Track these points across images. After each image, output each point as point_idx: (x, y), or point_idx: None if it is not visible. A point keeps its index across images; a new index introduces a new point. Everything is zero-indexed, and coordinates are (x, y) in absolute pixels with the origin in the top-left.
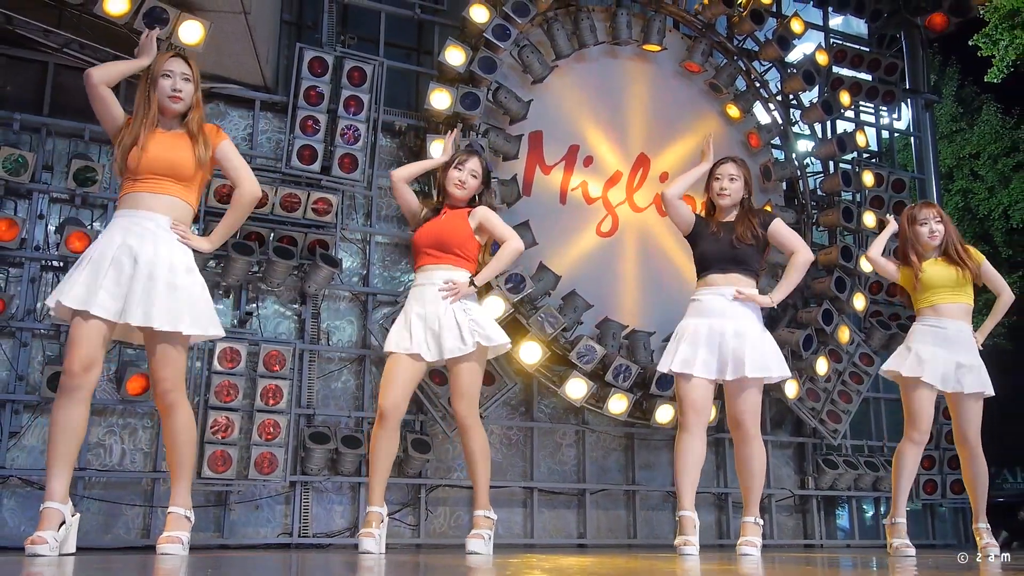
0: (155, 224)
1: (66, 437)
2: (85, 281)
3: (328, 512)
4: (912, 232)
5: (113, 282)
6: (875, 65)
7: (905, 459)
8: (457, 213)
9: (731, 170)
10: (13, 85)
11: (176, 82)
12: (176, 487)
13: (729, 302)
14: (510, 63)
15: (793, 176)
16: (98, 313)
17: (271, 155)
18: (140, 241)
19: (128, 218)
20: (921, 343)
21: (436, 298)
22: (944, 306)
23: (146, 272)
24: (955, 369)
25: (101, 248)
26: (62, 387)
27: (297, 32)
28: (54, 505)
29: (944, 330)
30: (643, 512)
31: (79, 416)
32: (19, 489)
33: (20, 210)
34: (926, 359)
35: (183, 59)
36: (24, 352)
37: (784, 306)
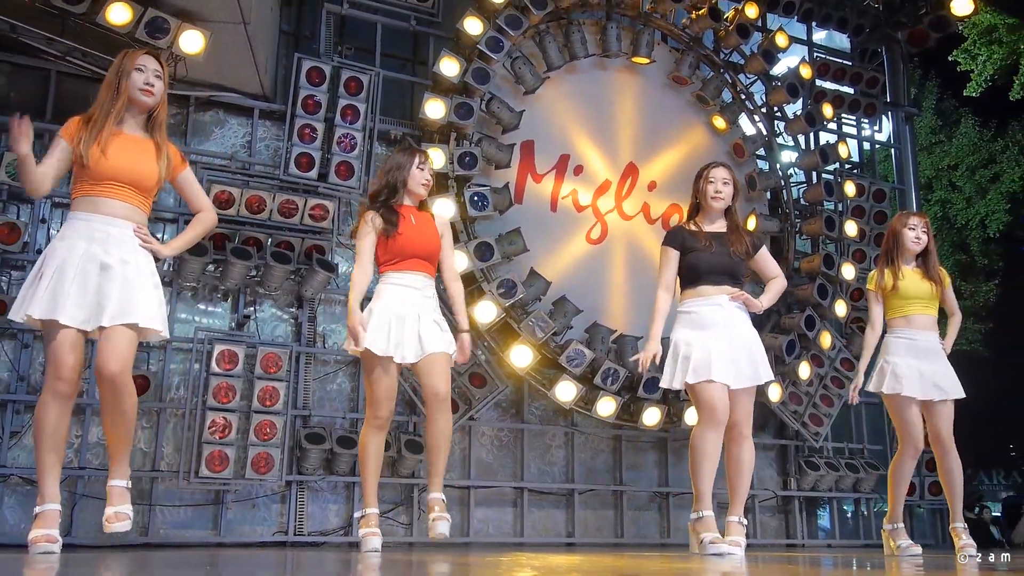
0: (118, 230)
1: (56, 439)
2: (52, 290)
3: (323, 511)
4: (900, 235)
5: (80, 290)
6: (857, 79)
7: (900, 470)
8: (427, 220)
9: (724, 174)
10: (17, 92)
11: (149, 76)
12: (120, 460)
13: (723, 311)
14: (503, 74)
15: (777, 186)
16: (67, 323)
17: (269, 162)
18: (104, 247)
19: (88, 223)
20: (896, 356)
21: (418, 301)
22: (916, 317)
23: (115, 277)
24: (931, 377)
25: (63, 256)
26: (51, 391)
27: (295, 42)
28: (55, 506)
29: (915, 341)
30: (630, 512)
31: (67, 418)
32: (20, 487)
33: (23, 214)
34: (902, 374)
35: (155, 58)
36: (25, 353)
37: (768, 312)
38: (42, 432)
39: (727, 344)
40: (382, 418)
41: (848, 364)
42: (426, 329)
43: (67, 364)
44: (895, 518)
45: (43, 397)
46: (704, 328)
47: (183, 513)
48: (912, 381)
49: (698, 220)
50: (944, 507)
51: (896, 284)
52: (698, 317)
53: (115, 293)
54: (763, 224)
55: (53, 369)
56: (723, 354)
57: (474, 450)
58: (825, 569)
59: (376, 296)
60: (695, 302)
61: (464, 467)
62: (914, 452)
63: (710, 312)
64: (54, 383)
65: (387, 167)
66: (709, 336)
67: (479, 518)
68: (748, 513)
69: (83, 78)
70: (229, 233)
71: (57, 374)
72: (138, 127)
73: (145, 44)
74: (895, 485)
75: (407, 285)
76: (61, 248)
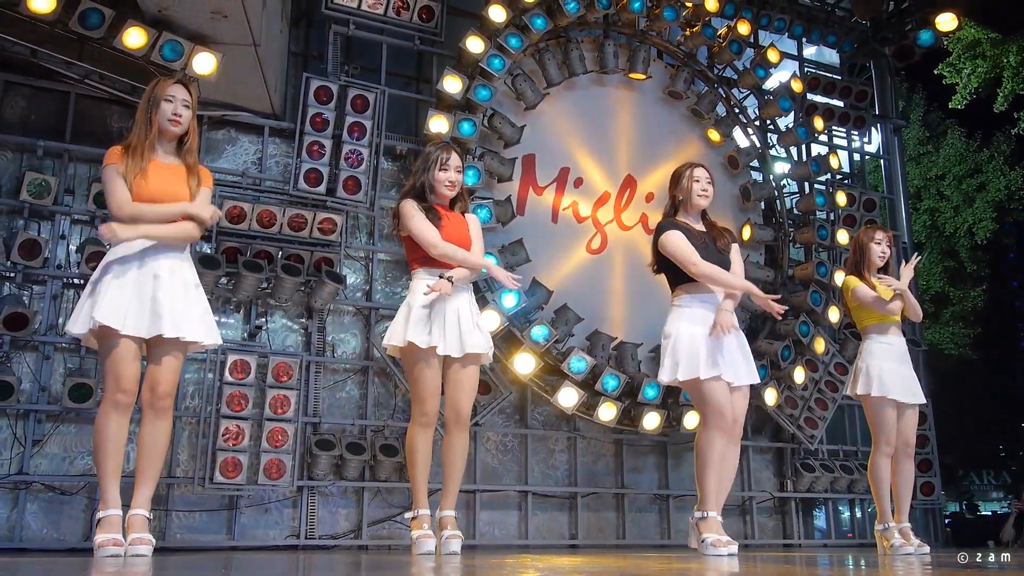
0: (164, 250)
1: (117, 447)
2: (111, 302)
3: (333, 515)
4: (867, 248)
5: (137, 302)
6: (846, 92)
7: (881, 470)
8: (458, 220)
9: (707, 175)
10: (37, 113)
11: (177, 107)
12: (147, 490)
13: None
14: (504, 91)
15: (771, 196)
16: (130, 333)
17: (279, 178)
18: (155, 262)
19: (139, 245)
20: (878, 360)
21: (455, 296)
22: (890, 324)
23: (165, 288)
24: (907, 382)
25: (119, 271)
26: (113, 403)
27: (304, 62)
28: (117, 511)
29: (892, 346)
30: (631, 514)
31: (126, 427)
32: (41, 494)
33: (43, 231)
34: (887, 379)
35: (184, 86)
36: (47, 365)
37: (763, 318)
38: (104, 441)
39: (727, 341)
40: (429, 414)
41: (841, 368)
42: (467, 326)
43: (127, 375)
44: (885, 518)
45: (104, 407)
46: (706, 324)
47: (198, 518)
48: (896, 385)
49: (681, 218)
50: (936, 506)
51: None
52: (700, 313)
53: (169, 304)
54: (758, 233)
55: (114, 381)
56: (724, 351)
57: (479, 455)
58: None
59: (410, 293)
60: (697, 298)
61: (470, 471)
62: (889, 452)
63: (711, 311)
64: (115, 395)
65: (417, 167)
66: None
67: (484, 521)
68: (746, 514)
69: (101, 100)
70: (241, 247)
71: (118, 386)
72: (170, 153)
73: (160, 67)
74: (877, 485)
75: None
76: (115, 266)
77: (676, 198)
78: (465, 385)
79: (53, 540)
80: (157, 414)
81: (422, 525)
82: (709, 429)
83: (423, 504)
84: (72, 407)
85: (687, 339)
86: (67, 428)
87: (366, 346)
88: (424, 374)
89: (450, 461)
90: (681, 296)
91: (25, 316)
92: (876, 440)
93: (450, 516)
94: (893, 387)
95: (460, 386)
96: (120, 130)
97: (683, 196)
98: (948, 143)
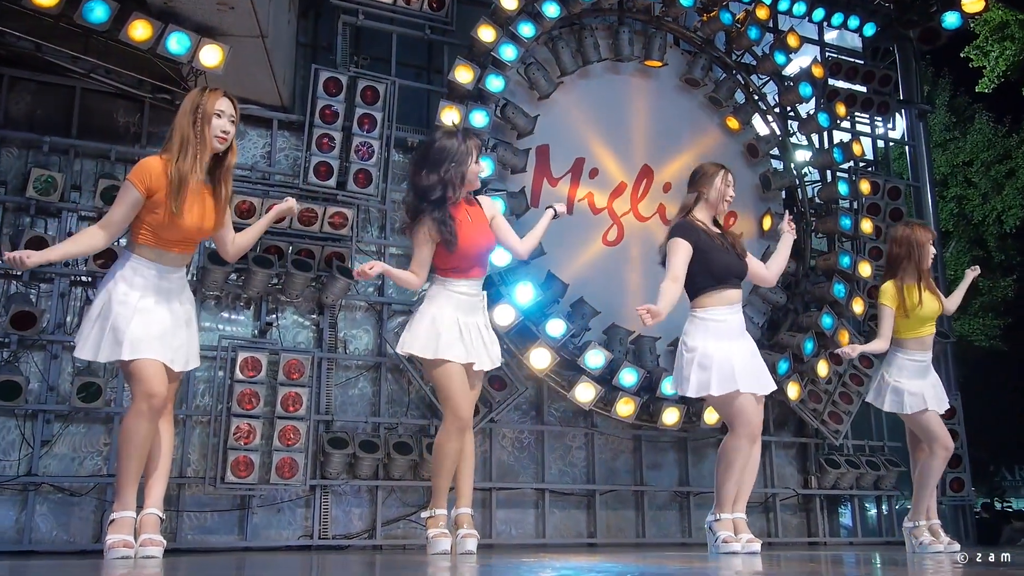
0: (178, 276)
1: (143, 452)
2: (136, 331)
3: (347, 515)
4: (924, 250)
5: (160, 333)
6: (870, 77)
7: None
8: (478, 214)
9: (731, 179)
10: (42, 109)
11: (225, 123)
12: (160, 489)
13: (742, 318)
14: (517, 80)
15: (792, 185)
16: (160, 359)
17: (289, 172)
18: (168, 296)
19: (155, 271)
20: (906, 379)
21: (475, 307)
22: (927, 338)
23: (176, 323)
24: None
25: (136, 301)
26: (147, 410)
27: (312, 54)
28: (131, 514)
29: (923, 363)
30: (651, 512)
31: (153, 433)
32: (51, 495)
33: (50, 228)
34: (916, 391)
35: (231, 100)
36: (55, 364)
37: (785, 311)
38: (131, 444)
39: (749, 354)
40: (464, 419)
41: (867, 361)
42: (489, 339)
43: (154, 381)
44: (916, 515)
45: (137, 410)
46: (731, 338)
47: (210, 518)
48: (929, 395)
49: (699, 217)
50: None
51: (919, 302)
52: (725, 326)
53: (184, 338)
54: (778, 223)
55: (147, 387)
56: (750, 364)
57: (495, 452)
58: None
59: (430, 300)
60: (721, 310)
61: (486, 469)
62: (945, 453)
63: (734, 320)
64: (149, 399)
65: (441, 159)
66: (735, 346)
67: (501, 519)
68: (769, 512)
69: (107, 94)
70: None
71: (150, 390)
72: (204, 171)
73: (166, 60)
74: (921, 483)
75: (465, 293)
76: (132, 297)
77: (703, 195)
78: (474, 392)
79: (63, 542)
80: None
81: (438, 524)
82: (739, 438)
83: (441, 504)
84: (81, 407)
85: (716, 354)
86: (76, 428)
87: (379, 342)
88: (454, 381)
89: (463, 460)
90: (708, 308)
91: (33, 315)
92: (930, 443)
93: (466, 514)
94: (929, 399)
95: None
96: (127, 125)
97: (711, 197)
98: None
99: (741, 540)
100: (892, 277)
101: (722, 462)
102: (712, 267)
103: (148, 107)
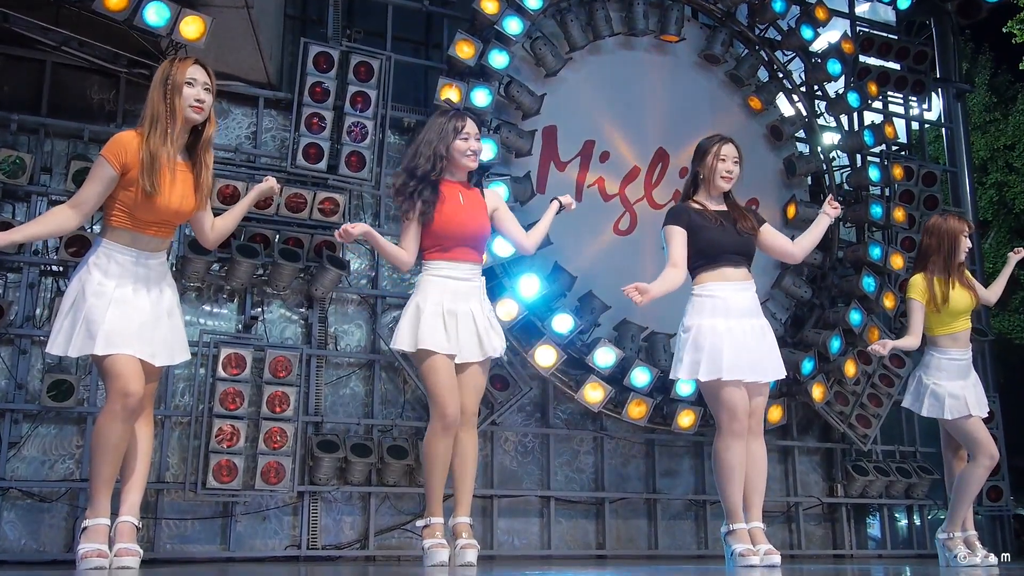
0: (156, 262)
1: (117, 455)
2: (112, 323)
3: (337, 523)
4: (958, 243)
5: (138, 325)
6: (904, 54)
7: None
8: (475, 199)
9: (735, 152)
10: (10, 85)
11: (199, 91)
12: (136, 495)
13: (749, 296)
14: (522, 56)
15: (819, 170)
16: (138, 355)
17: (276, 154)
18: (146, 284)
19: (131, 257)
20: (946, 381)
21: (468, 294)
22: (962, 334)
23: (157, 313)
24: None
25: (112, 292)
26: (121, 410)
27: (301, 27)
28: (105, 520)
29: (962, 361)
30: (664, 522)
31: (128, 435)
32: (19, 501)
33: (19, 213)
34: (958, 394)
35: (203, 67)
36: (23, 360)
37: (810, 306)
38: (104, 446)
39: (752, 336)
40: (450, 417)
41: (898, 361)
42: (483, 327)
43: (136, 381)
44: (952, 526)
45: (111, 410)
46: (729, 316)
47: (190, 526)
48: (971, 399)
49: (698, 198)
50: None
51: (948, 297)
52: (723, 303)
53: (167, 329)
54: (803, 211)
55: (122, 385)
56: (749, 348)
57: (497, 457)
58: None
59: (419, 289)
60: (719, 286)
61: (487, 475)
62: (989, 462)
63: (737, 298)
64: (124, 399)
65: (423, 138)
66: (736, 326)
67: (503, 529)
68: (792, 522)
69: (80, 69)
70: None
71: (126, 389)
72: (182, 146)
73: (143, 32)
74: (960, 493)
75: (455, 277)
76: (108, 286)
77: (698, 175)
78: (473, 384)
79: (32, 551)
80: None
81: (435, 534)
82: (723, 436)
83: (437, 512)
84: (52, 406)
85: (709, 335)
86: (46, 429)
87: (372, 338)
88: (440, 377)
89: (460, 463)
90: (704, 284)
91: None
92: (973, 452)
93: (465, 523)
94: (970, 403)
95: (465, 384)
96: (102, 102)
97: (705, 174)
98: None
99: (759, 552)
100: (922, 270)
101: (717, 468)
102: (704, 245)
103: (124, 83)
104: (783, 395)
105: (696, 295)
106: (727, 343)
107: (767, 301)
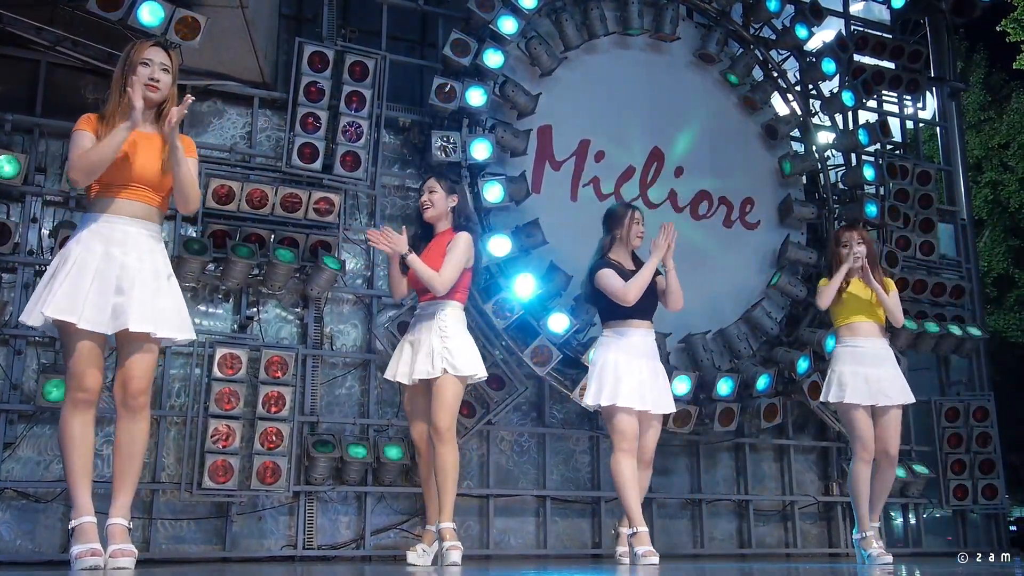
0: (136, 229)
1: (86, 450)
2: (67, 292)
3: (333, 523)
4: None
5: (97, 293)
6: (898, 52)
7: (860, 478)
8: (439, 247)
9: (640, 217)
10: (4, 84)
11: (155, 71)
12: (125, 496)
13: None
14: (517, 55)
15: (813, 169)
16: (85, 327)
17: (271, 154)
18: (123, 248)
19: (107, 224)
20: (843, 364)
21: (427, 328)
22: (859, 325)
23: (135, 278)
24: (876, 383)
25: (80, 256)
26: (75, 402)
27: (296, 26)
28: (91, 518)
29: (861, 349)
30: (660, 520)
31: (91, 426)
32: (14, 501)
33: (13, 214)
34: (846, 382)
35: (163, 49)
36: (19, 360)
37: (806, 305)
38: (69, 443)
39: (651, 373)
40: (414, 438)
41: None
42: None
43: (87, 372)
44: (865, 527)
45: (66, 407)
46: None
47: (185, 527)
48: (856, 388)
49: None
50: (1000, 511)
51: (841, 296)
52: (626, 344)
53: (137, 295)
54: (799, 210)
55: (75, 380)
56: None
57: (493, 456)
58: None
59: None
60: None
61: (482, 475)
62: (868, 458)
63: (645, 344)
64: (75, 393)
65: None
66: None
67: (499, 529)
68: (787, 521)
69: (74, 69)
70: (229, 230)
71: (79, 385)
72: (149, 122)
73: (138, 32)
74: (857, 495)
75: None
76: (76, 250)
77: (616, 236)
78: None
79: (28, 551)
80: (132, 413)
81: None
82: (618, 452)
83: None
84: (47, 406)
85: (612, 367)
86: (42, 429)
87: (368, 338)
88: (405, 405)
89: (438, 475)
90: (610, 332)
91: None
92: (854, 446)
93: (448, 527)
94: (852, 391)
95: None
96: (96, 102)
97: (621, 236)
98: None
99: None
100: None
101: (616, 480)
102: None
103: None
104: (779, 394)
105: (605, 337)
106: (625, 374)
107: (763, 300)
